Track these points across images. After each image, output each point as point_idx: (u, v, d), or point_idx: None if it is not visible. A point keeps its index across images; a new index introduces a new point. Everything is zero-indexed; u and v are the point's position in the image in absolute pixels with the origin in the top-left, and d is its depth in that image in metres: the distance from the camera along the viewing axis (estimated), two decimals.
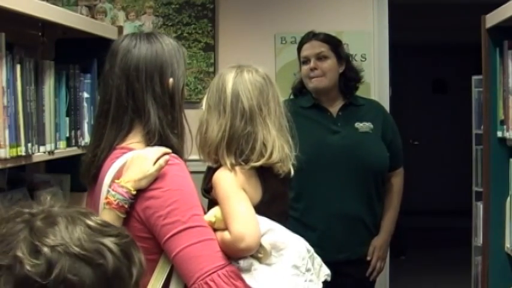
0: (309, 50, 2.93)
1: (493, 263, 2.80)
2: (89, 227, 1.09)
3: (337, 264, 2.49)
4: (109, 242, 1.09)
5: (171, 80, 1.77)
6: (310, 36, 2.98)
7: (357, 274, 2.87)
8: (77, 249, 1.05)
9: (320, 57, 2.90)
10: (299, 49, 3.00)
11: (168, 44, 1.80)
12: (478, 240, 4.36)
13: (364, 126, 2.91)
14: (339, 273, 2.75)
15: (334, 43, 2.96)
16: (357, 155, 2.85)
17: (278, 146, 1.88)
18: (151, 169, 1.64)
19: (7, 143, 1.92)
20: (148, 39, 1.78)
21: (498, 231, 2.76)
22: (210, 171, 1.91)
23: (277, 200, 1.92)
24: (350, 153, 2.85)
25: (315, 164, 2.76)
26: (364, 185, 2.86)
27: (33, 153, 2.10)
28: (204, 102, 1.95)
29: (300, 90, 3.02)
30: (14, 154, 1.96)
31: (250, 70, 1.94)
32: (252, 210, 1.78)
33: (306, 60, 2.93)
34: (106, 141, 1.76)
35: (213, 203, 1.87)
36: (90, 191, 1.82)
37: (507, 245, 2.70)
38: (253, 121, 1.87)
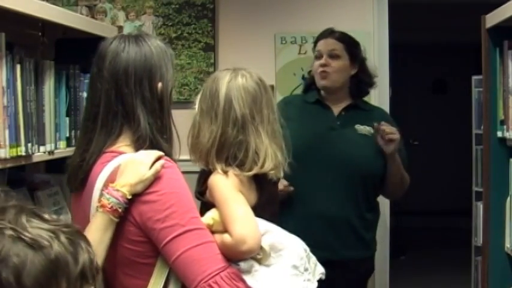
0: (322, 45, 2.92)
1: (493, 263, 2.80)
2: (37, 216, 1.18)
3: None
4: (55, 228, 1.17)
5: (159, 84, 1.75)
6: (327, 32, 2.96)
7: (335, 276, 2.53)
8: (22, 232, 1.13)
9: (332, 55, 2.88)
10: (315, 43, 2.99)
11: (156, 46, 1.77)
12: (478, 240, 4.36)
13: (364, 129, 2.87)
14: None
15: (349, 43, 2.93)
16: (347, 154, 2.81)
17: (271, 154, 1.87)
18: (147, 173, 1.63)
19: (7, 143, 1.92)
20: (137, 42, 1.76)
21: (498, 231, 2.75)
22: (204, 174, 1.91)
23: (271, 201, 1.93)
24: (341, 151, 2.82)
25: (306, 158, 2.71)
26: (350, 186, 2.81)
27: (33, 153, 2.10)
28: (196, 103, 1.94)
29: (310, 85, 3.00)
30: (14, 154, 1.96)
31: (244, 75, 1.91)
32: (251, 212, 1.77)
33: (319, 56, 2.91)
34: (95, 146, 1.73)
35: (206, 205, 1.86)
36: (77, 195, 1.79)
37: (507, 245, 2.70)
38: (245, 130, 1.86)
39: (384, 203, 3.73)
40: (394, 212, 4.34)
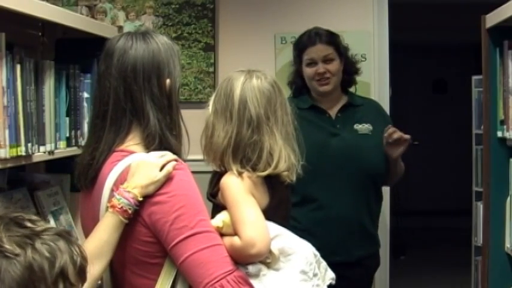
0: (314, 53, 2.90)
1: (493, 263, 2.80)
2: (16, 224, 1.19)
3: (333, 266, 2.48)
4: (31, 234, 1.19)
5: (168, 80, 1.76)
6: (314, 37, 2.92)
7: (353, 276, 2.82)
8: None
9: (326, 60, 2.88)
10: (301, 49, 2.95)
11: (164, 43, 1.78)
12: (478, 240, 4.36)
13: (363, 128, 2.90)
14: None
15: (336, 43, 2.94)
16: (355, 158, 2.83)
17: (284, 155, 1.87)
18: (158, 175, 1.63)
19: (7, 143, 1.91)
20: (144, 39, 1.76)
21: (498, 231, 2.75)
22: (216, 176, 1.90)
23: (282, 204, 1.92)
24: (349, 156, 2.83)
25: (315, 168, 2.74)
26: (362, 188, 2.85)
27: (33, 153, 2.10)
28: (210, 103, 1.93)
29: (300, 90, 3.00)
30: (14, 154, 1.96)
31: (259, 76, 1.91)
32: (262, 216, 1.77)
33: (311, 63, 2.90)
34: (105, 144, 1.73)
35: (218, 207, 1.86)
36: (87, 193, 1.79)
37: (507, 245, 2.70)
38: (260, 130, 1.85)
39: (384, 203, 3.73)
40: (394, 212, 4.34)
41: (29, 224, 1.21)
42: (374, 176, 2.89)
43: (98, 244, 1.62)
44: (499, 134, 2.72)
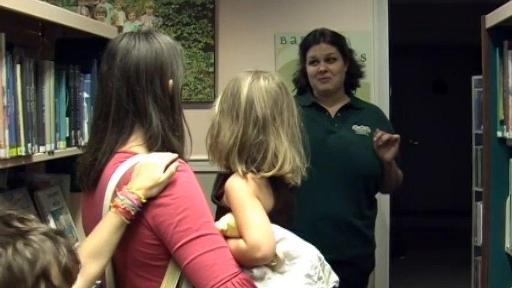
0: (317, 51, 2.93)
1: (493, 263, 2.80)
2: (4, 223, 1.18)
3: None
4: (16, 233, 1.17)
5: (170, 81, 1.75)
6: (318, 36, 2.96)
7: (345, 275, 2.79)
8: None
9: (329, 59, 2.92)
10: (305, 48, 2.99)
11: (166, 43, 1.77)
12: (478, 240, 4.36)
13: (361, 129, 2.91)
14: None
15: (340, 44, 2.97)
16: (349, 156, 2.84)
17: (289, 157, 1.86)
18: (162, 177, 1.61)
19: (7, 143, 1.91)
20: (147, 39, 1.75)
21: (498, 231, 2.75)
22: (221, 178, 1.89)
23: (286, 207, 1.91)
24: (343, 154, 2.84)
25: (311, 164, 2.74)
26: (353, 188, 2.85)
27: (33, 153, 2.10)
28: (217, 103, 1.92)
29: (303, 89, 3.03)
30: (14, 154, 1.96)
31: (266, 77, 1.90)
32: (267, 219, 1.76)
33: (314, 61, 2.94)
34: (107, 145, 1.72)
35: (222, 209, 1.85)
36: (89, 194, 1.77)
37: (507, 245, 2.70)
38: (265, 130, 1.85)
39: (384, 203, 3.74)
40: (394, 212, 4.34)
41: (16, 223, 1.19)
42: (366, 177, 2.88)
43: (98, 243, 1.61)
44: (499, 134, 2.73)
